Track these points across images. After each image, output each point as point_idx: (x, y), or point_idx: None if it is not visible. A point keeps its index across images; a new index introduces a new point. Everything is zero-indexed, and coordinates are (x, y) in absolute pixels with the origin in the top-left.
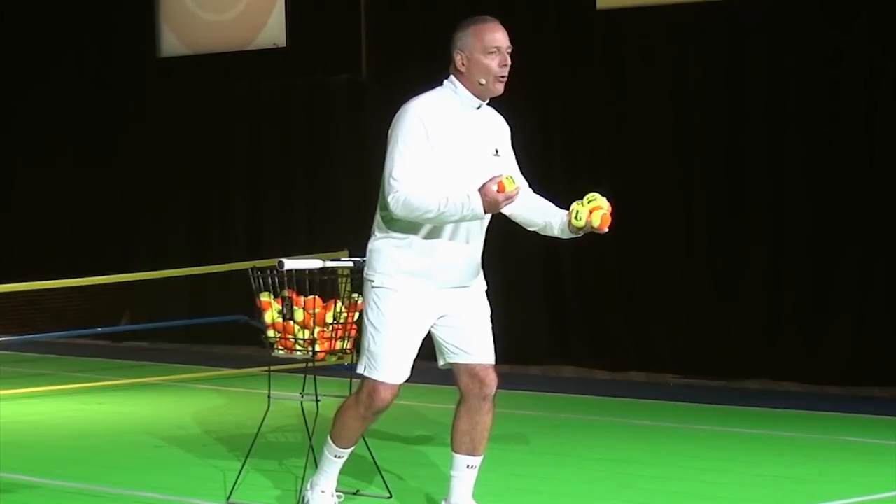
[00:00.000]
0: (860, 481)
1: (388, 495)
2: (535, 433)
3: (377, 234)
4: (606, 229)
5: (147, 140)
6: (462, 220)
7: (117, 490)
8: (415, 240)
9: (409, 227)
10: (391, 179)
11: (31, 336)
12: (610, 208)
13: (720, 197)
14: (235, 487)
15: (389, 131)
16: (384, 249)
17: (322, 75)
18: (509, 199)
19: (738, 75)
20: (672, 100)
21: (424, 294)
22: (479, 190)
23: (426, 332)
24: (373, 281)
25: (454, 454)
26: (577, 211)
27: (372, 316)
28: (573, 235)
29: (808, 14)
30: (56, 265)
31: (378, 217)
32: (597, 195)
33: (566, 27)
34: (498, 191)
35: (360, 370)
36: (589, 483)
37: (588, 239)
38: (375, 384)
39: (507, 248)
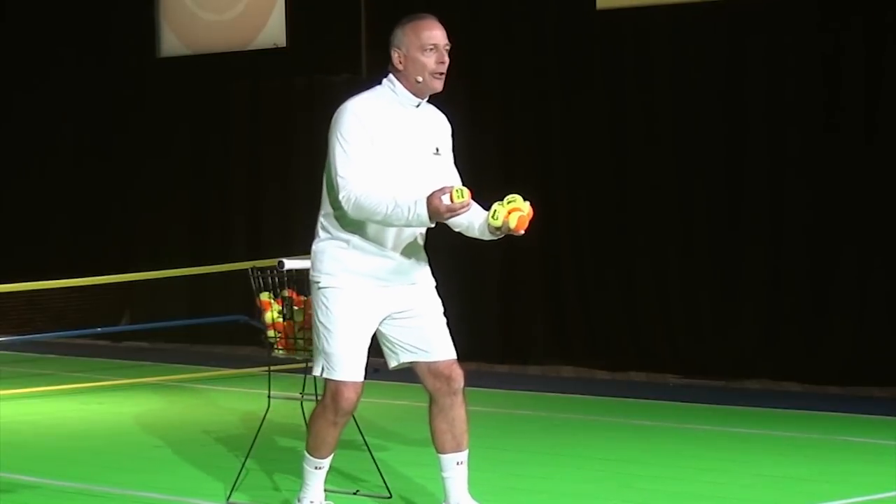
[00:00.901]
0: (860, 481)
1: (388, 495)
2: (535, 433)
3: (321, 235)
4: (522, 231)
5: (147, 140)
6: (408, 225)
7: (117, 490)
8: (357, 240)
9: (351, 227)
10: (338, 178)
11: (31, 336)
12: (530, 211)
13: (720, 197)
14: (235, 487)
15: (328, 133)
16: (328, 250)
17: (322, 75)
18: (453, 211)
19: (737, 75)
20: (672, 99)
21: (370, 291)
22: (428, 197)
23: (374, 329)
24: (319, 282)
25: (441, 455)
26: (496, 210)
27: (322, 317)
28: (492, 237)
29: (806, 14)
30: (56, 265)
31: (321, 219)
32: (517, 197)
33: (566, 27)
34: (447, 201)
35: (316, 373)
36: (589, 483)
37: (588, 237)
38: (338, 385)
39: (506, 248)
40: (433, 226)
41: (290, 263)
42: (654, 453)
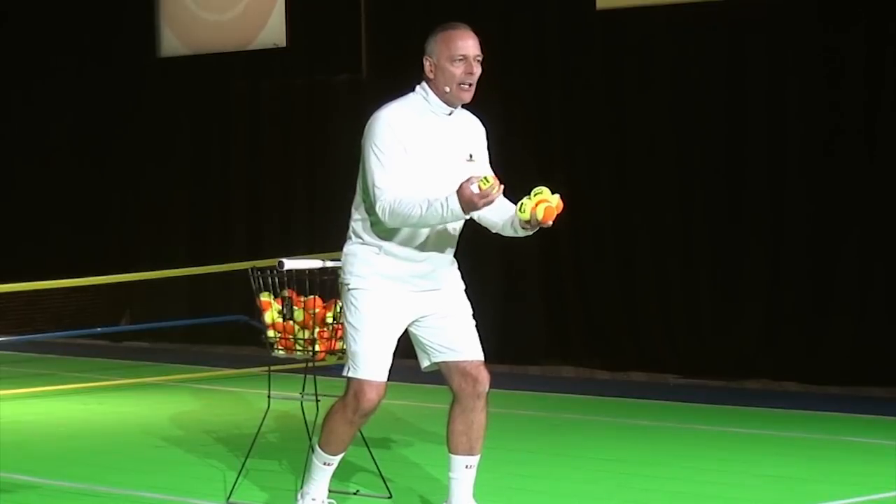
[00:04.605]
0: (860, 481)
1: (388, 495)
2: (535, 433)
3: (353, 238)
4: (551, 223)
5: (147, 140)
6: (444, 222)
7: (117, 490)
8: (389, 246)
9: (384, 234)
10: (375, 189)
11: (31, 336)
12: (560, 203)
13: (720, 197)
14: (235, 487)
15: (362, 141)
16: (359, 254)
17: (322, 75)
18: (486, 197)
19: (737, 75)
20: (672, 99)
21: (399, 295)
22: (457, 191)
23: (402, 333)
24: (349, 284)
25: (452, 455)
26: (523, 203)
27: (351, 317)
28: (524, 232)
29: (807, 14)
30: (56, 265)
31: (353, 223)
32: (544, 189)
33: (566, 27)
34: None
35: (344, 373)
36: (589, 483)
37: (588, 238)
38: (361, 384)
39: (506, 248)
40: (468, 217)
41: (290, 263)
42: (654, 453)
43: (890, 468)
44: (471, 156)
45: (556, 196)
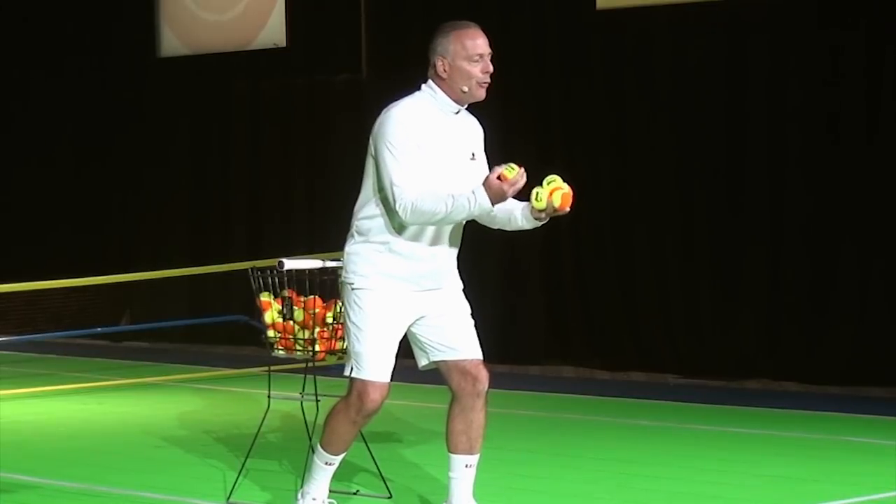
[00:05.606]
0: (860, 481)
1: (388, 495)
2: (535, 433)
3: (356, 237)
4: (568, 209)
5: (147, 140)
6: (470, 216)
7: (117, 490)
8: (395, 245)
9: (390, 232)
10: (394, 187)
11: (31, 336)
12: (570, 190)
13: (720, 196)
14: (235, 487)
15: (371, 139)
16: (363, 252)
17: (322, 75)
18: (514, 185)
19: (738, 75)
20: (672, 99)
21: (402, 295)
22: (483, 184)
23: (403, 332)
24: (352, 283)
25: (451, 455)
26: (537, 192)
27: (354, 317)
28: (537, 222)
29: (808, 14)
30: (56, 265)
31: (356, 222)
32: (556, 177)
33: (566, 27)
34: (501, 181)
35: (346, 373)
36: (589, 483)
37: (588, 238)
38: (364, 384)
39: (506, 247)
40: (493, 211)
41: (290, 263)
42: (654, 453)
43: (890, 468)
44: (473, 154)
45: (565, 183)
